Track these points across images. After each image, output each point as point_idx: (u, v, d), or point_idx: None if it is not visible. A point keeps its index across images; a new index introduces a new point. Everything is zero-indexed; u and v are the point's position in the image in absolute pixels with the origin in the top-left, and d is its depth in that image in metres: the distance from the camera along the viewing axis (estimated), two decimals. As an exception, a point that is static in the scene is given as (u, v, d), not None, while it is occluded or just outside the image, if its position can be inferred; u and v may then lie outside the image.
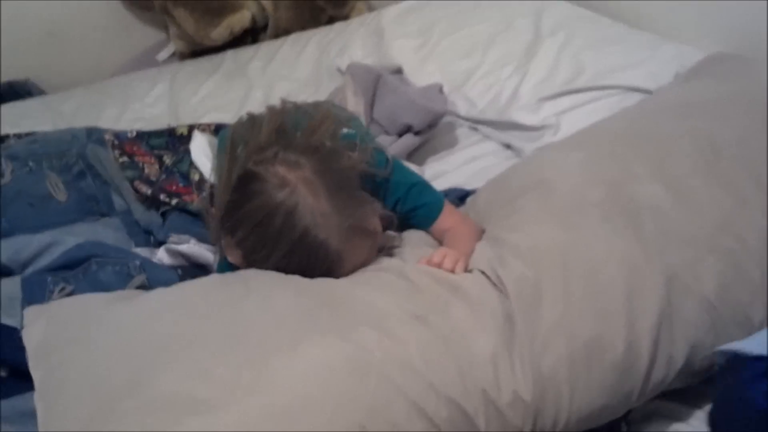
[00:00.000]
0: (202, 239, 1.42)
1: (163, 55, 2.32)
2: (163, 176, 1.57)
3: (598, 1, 2.01)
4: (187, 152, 1.59)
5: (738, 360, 1.09)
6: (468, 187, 1.54)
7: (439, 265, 1.16)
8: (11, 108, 1.88)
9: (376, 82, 1.69)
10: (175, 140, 1.63)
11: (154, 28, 2.41)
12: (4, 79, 2.16)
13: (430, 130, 1.71)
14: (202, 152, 1.57)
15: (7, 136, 1.63)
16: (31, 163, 1.54)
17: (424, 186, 1.36)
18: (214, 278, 1.22)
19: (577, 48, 1.83)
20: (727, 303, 1.18)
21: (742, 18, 1.74)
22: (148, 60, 2.32)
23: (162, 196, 1.51)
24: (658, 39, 1.84)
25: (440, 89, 1.72)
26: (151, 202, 1.52)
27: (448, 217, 1.32)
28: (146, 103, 1.93)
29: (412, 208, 1.32)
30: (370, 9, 2.40)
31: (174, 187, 1.54)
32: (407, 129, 1.66)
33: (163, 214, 1.51)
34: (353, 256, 1.17)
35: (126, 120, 1.85)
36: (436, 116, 1.66)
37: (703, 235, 1.24)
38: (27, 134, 1.66)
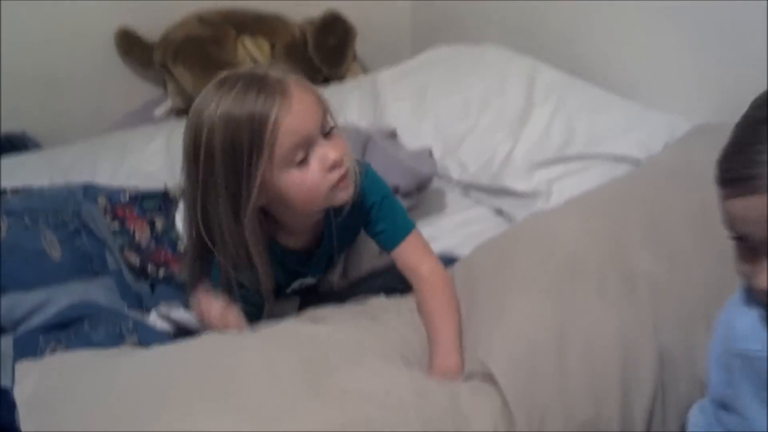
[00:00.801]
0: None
1: (160, 110, 2.34)
2: (152, 244, 1.58)
3: (587, 69, 2.05)
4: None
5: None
6: (459, 251, 1.54)
7: None
8: (8, 161, 1.89)
9: (366, 143, 1.72)
10: (168, 204, 1.64)
11: (151, 84, 2.44)
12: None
13: (419, 193, 1.72)
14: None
15: (4, 191, 1.64)
16: (27, 219, 1.55)
17: (395, 201, 1.38)
18: (207, 336, 1.23)
19: (569, 115, 1.86)
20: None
21: (730, 89, 1.78)
22: (144, 115, 2.34)
23: (149, 268, 1.53)
24: (647, 108, 1.87)
25: (430, 153, 1.74)
26: (139, 272, 1.53)
27: (413, 251, 1.34)
28: (143, 158, 1.95)
29: (381, 229, 1.34)
30: (365, 71, 2.45)
31: (162, 257, 1.55)
32: (395, 191, 1.67)
33: (152, 284, 1.53)
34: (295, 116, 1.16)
35: (122, 175, 1.86)
36: (423, 179, 1.68)
37: (697, 311, 1.26)
38: (24, 189, 1.67)
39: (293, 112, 1.16)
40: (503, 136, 1.86)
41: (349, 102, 2.01)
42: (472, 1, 2.44)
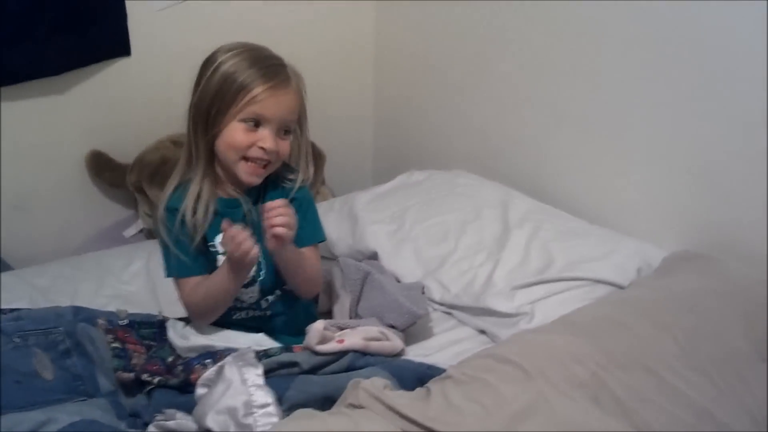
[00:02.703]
0: (188, 410, 1.45)
1: (131, 231, 2.35)
2: (144, 359, 1.61)
3: (554, 198, 2.16)
4: (166, 339, 1.67)
5: None
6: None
7: None
8: (-18, 281, 1.86)
9: (365, 279, 1.78)
10: (163, 331, 1.69)
11: (119, 204, 2.44)
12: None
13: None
14: (176, 335, 1.65)
15: (-9, 312, 1.62)
16: (17, 339, 1.53)
17: (316, 212, 1.73)
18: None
19: (545, 240, 1.94)
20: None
21: (697, 219, 1.89)
22: (114, 236, 2.34)
23: (144, 376, 1.54)
24: (619, 234, 1.97)
25: (422, 290, 1.81)
26: (134, 386, 1.55)
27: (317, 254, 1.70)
28: (123, 279, 1.94)
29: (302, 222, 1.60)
30: (333, 195, 2.51)
31: (156, 368, 1.56)
32: (390, 327, 1.72)
33: (149, 393, 1.54)
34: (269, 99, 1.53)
35: (103, 296, 1.86)
36: (418, 318, 1.73)
37: (688, 422, 1.31)
38: (11, 309, 1.65)
39: (273, 99, 1.54)
40: (483, 259, 1.92)
41: (327, 224, 2.04)
42: (438, 131, 2.55)
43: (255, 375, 1.38)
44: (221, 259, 1.61)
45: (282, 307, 1.70)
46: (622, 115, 2.00)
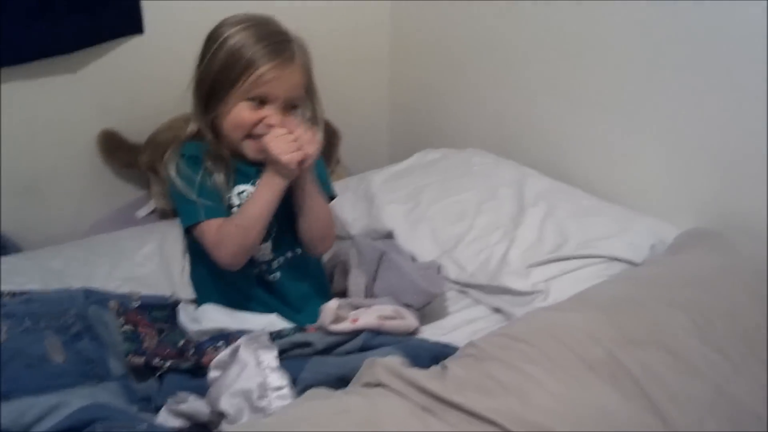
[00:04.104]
0: (201, 394, 1.43)
1: (143, 212, 2.34)
2: (155, 343, 1.59)
3: (569, 176, 2.15)
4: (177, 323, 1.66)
5: None
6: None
7: None
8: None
9: (380, 259, 1.76)
10: (176, 314, 1.68)
11: (132, 185, 2.43)
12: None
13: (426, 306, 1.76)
14: (188, 318, 1.65)
15: (1, 294, 1.61)
16: (27, 322, 1.52)
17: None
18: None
19: (560, 218, 1.93)
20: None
21: (711, 196, 1.88)
22: (127, 216, 2.33)
23: (155, 361, 1.52)
24: (633, 212, 1.96)
25: (438, 269, 1.79)
26: (145, 371, 1.53)
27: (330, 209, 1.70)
28: (136, 262, 1.93)
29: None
30: (349, 174, 2.49)
31: (167, 352, 1.55)
32: (407, 306, 1.70)
33: (160, 377, 1.52)
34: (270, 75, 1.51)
35: (117, 278, 1.84)
36: (434, 297, 1.72)
37: (703, 398, 1.31)
38: (21, 292, 1.64)
39: (279, 77, 1.52)
40: (498, 238, 1.91)
41: (343, 203, 2.03)
42: (453, 111, 2.53)
43: (270, 357, 1.37)
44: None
45: (294, 273, 1.69)
46: (636, 94, 1.99)
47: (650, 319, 1.46)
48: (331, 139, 2.39)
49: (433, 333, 1.67)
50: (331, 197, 1.74)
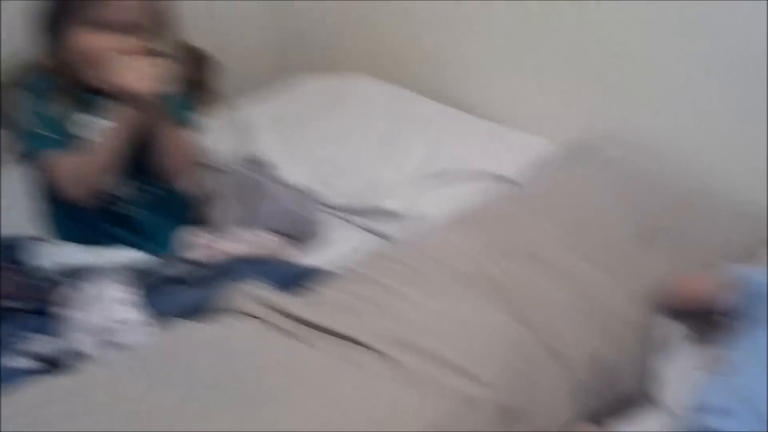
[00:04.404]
0: (44, 333, 1.35)
1: None
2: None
3: (452, 96, 2.11)
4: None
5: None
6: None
7: None
8: None
9: (256, 188, 1.75)
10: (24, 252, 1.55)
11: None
12: None
13: (309, 240, 1.74)
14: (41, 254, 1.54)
15: None
16: None
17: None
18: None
19: (436, 137, 1.91)
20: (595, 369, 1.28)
21: (590, 113, 1.89)
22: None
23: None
24: (511, 130, 1.96)
25: (315, 197, 1.80)
26: None
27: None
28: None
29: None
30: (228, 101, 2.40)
31: (9, 290, 1.44)
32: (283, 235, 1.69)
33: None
34: None
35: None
36: (311, 225, 1.73)
37: (570, 304, 1.34)
38: None
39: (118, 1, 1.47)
40: (375, 161, 1.88)
41: (217, 133, 1.95)
42: (335, 32, 2.45)
43: (120, 291, 1.33)
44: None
45: (153, 206, 1.62)
46: (514, 15, 1.96)
47: (522, 232, 1.49)
48: (203, 68, 2.29)
49: (310, 259, 1.64)
50: (196, 129, 1.66)
